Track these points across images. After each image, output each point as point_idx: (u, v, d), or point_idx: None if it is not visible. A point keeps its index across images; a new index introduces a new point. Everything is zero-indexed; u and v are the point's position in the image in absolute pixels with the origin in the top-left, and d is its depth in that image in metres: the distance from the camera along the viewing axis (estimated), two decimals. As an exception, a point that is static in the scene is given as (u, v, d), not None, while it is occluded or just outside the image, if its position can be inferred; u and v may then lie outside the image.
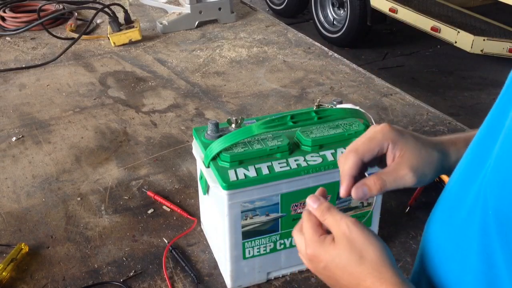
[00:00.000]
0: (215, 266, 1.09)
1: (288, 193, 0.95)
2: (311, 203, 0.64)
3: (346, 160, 0.68)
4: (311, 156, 0.96)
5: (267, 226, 0.98)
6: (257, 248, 1.00)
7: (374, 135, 0.69)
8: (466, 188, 0.55)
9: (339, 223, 0.61)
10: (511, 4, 3.42)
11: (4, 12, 2.28)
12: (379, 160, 0.71)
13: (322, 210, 0.63)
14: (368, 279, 0.57)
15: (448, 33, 3.63)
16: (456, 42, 3.59)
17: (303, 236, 0.65)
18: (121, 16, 2.16)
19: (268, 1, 5.59)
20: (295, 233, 0.67)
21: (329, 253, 0.61)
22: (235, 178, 0.91)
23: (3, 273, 1.04)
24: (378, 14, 4.23)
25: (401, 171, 0.68)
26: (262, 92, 1.78)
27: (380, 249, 0.58)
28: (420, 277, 0.64)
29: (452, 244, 0.56)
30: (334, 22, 4.68)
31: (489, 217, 0.48)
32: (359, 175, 0.68)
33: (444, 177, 1.27)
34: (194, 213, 1.22)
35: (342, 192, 0.68)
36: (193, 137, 1.04)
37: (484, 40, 3.46)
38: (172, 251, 1.11)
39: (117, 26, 2.11)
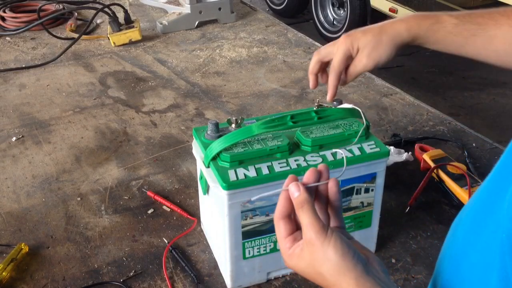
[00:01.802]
0: (215, 266, 1.09)
1: (288, 193, 0.95)
2: (293, 191, 0.63)
3: (312, 59, 1.00)
4: (311, 156, 0.96)
5: (267, 226, 0.98)
6: (257, 248, 1.00)
7: (334, 42, 0.97)
8: (493, 204, 0.55)
9: (305, 229, 0.61)
10: (511, 4, 3.42)
11: (4, 12, 2.28)
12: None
13: (297, 205, 0.63)
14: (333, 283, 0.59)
15: (448, 33, 3.62)
16: (456, 42, 3.58)
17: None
18: (121, 16, 2.16)
19: (268, 1, 5.59)
20: (275, 231, 0.68)
21: (299, 265, 0.63)
22: (235, 178, 0.91)
23: (3, 273, 1.04)
24: (378, 14, 4.23)
25: (360, 61, 0.95)
26: (262, 92, 1.78)
27: (336, 261, 0.59)
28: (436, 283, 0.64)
29: (476, 256, 0.56)
30: (334, 22, 4.68)
31: (505, 239, 0.48)
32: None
33: (445, 177, 1.27)
34: (194, 213, 1.22)
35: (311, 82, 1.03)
36: (193, 137, 1.04)
37: (484, 40, 3.45)
38: (172, 251, 1.11)
39: (117, 26, 2.11)
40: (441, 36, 0.92)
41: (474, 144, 1.48)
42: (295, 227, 0.65)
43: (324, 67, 1.03)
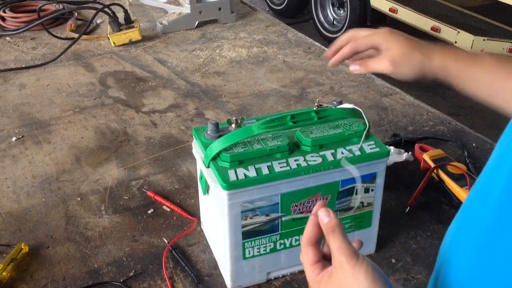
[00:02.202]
0: (215, 266, 1.09)
1: (288, 193, 0.95)
2: (323, 216, 0.63)
3: (343, 40, 1.01)
4: (311, 156, 0.96)
5: (267, 226, 0.98)
6: (257, 248, 1.00)
7: (372, 34, 0.95)
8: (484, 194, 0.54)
9: (336, 253, 0.60)
10: (511, 4, 3.42)
11: (4, 12, 2.28)
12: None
13: (328, 230, 0.62)
14: None
15: (448, 33, 3.63)
16: (456, 42, 3.59)
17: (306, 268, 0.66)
18: (121, 16, 2.16)
19: (268, 1, 5.59)
20: (301, 259, 0.67)
21: None
22: (235, 178, 0.91)
23: (3, 273, 1.04)
24: (378, 14, 4.22)
25: (382, 59, 0.94)
26: (262, 92, 1.78)
27: (367, 286, 0.58)
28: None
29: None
30: (334, 22, 4.68)
31: None
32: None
33: (445, 177, 1.27)
34: (194, 213, 1.22)
35: (330, 53, 1.05)
36: (193, 137, 1.04)
37: (484, 40, 3.46)
38: (172, 251, 1.11)
39: (117, 26, 2.11)
40: (475, 72, 0.82)
41: (474, 144, 1.48)
42: (322, 255, 0.64)
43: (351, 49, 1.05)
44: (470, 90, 0.88)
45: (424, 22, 3.79)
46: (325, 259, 0.64)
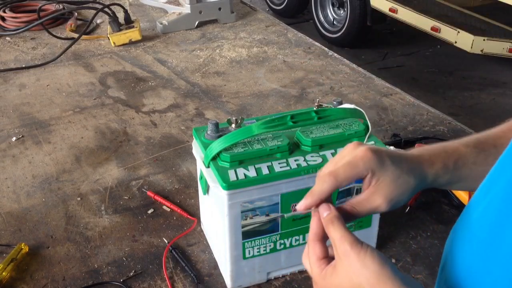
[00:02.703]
0: (215, 266, 1.09)
1: (288, 193, 0.95)
2: (323, 210, 0.62)
3: (324, 183, 0.65)
4: (311, 156, 0.96)
5: (267, 226, 0.98)
6: (257, 248, 1.00)
7: (356, 162, 0.67)
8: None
9: (339, 242, 0.59)
10: (511, 4, 3.42)
11: (4, 12, 2.28)
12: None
13: (327, 222, 0.61)
14: None
15: (448, 33, 3.63)
16: (456, 42, 3.59)
17: (309, 266, 0.64)
18: (121, 16, 2.16)
19: (268, 1, 5.59)
20: (304, 258, 0.65)
21: (334, 282, 0.60)
22: (235, 178, 0.91)
23: (3, 273, 1.04)
24: (378, 14, 4.22)
25: (375, 201, 0.67)
26: (262, 92, 1.78)
27: (376, 270, 0.57)
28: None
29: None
30: (334, 22, 4.68)
31: None
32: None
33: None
34: (194, 213, 1.22)
35: (302, 206, 0.65)
36: (193, 137, 1.04)
37: (484, 40, 3.46)
38: (172, 251, 1.11)
39: (117, 26, 2.11)
40: (466, 171, 0.73)
41: (474, 144, 1.47)
42: (328, 252, 0.63)
43: None
44: (463, 188, 0.82)
45: (424, 22, 3.79)
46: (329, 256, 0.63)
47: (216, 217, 1.00)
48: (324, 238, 0.63)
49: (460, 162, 0.72)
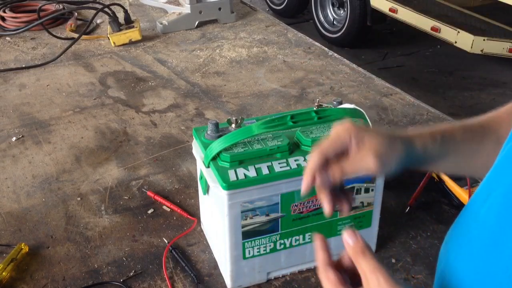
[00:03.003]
0: (215, 266, 1.09)
1: (288, 193, 0.95)
2: (348, 238, 0.60)
3: (311, 158, 0.69)
4: (311, 156, 0.96)
5: (267, 226, 0.98)
6: (257, 248, 1.00)
7: (338, 132, 0.70)
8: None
9: (372, 275, 0.57)
10: (511, 4, 3.42)
11: (4, 12, 2.28)
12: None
13: (357, 252, 0.59)
14: None
15: (448, 33, 3.63)
16: (456, 42, 3.59)
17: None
18: (121, 16, 2.16)
19: (268, 1, 5.58)
20: (325, 272, 0.62)
21: None
22: (235, 178, 0.91)
23: (3, 273, 1.04)
24: (378, 14, 4.22)
25: (364, 157, 0.69)
26: (262, 92, 1.78)
27: None
28: None
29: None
30: (334, 22, 4.68)
31: None
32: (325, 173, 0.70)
33: (445, 177, 1.27)
34: (194, 213, 1.22)
35: (303, 186, 0.69)
36: (193, 137, 1.04)
37: (484, 40, 3.46)
38: (172, 251, 1.11)
39: (117, 26, 2.11)
40: (453, 145, 0.74)
41: (474, 144, 1.47)
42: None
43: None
44: (447, 168, 0.81)
45: (424, 22, 3.79)
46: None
47: (216, 217, 1.00)
48: (333, 264, 0.61)
49: (447, 136, 0.74)
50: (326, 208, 0.70)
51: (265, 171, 0.93)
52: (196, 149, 1.03)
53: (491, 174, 0.58)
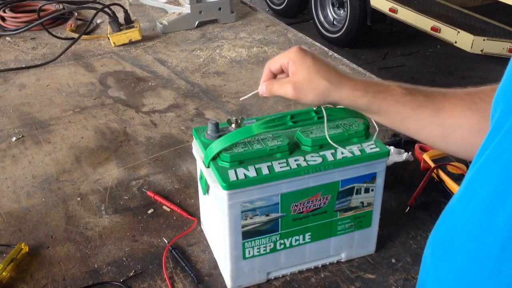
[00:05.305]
0: (215, 266, 1.09)
1: (288, 193, 0.95)
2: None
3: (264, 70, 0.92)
4: (311, 156, 0.96)
5: (267, 226, 0.98)
6: (257, 248, 1.00)
7: (283, 53, 0.88)
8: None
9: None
10: (511, 4, 3.42)
11: (4, 12, 2.28)
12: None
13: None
14: None
15: (448, 33, 3.63)
16: (456, 42, 3.59)
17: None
18: (121, 16, 2.16)
19: (268, 1, 5.59)
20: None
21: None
22: (235, 178, 0.91)
23: (3, 273, 1.04)
24: (378, 14, 4.23)
25: (285, 83, 0.86)
26: (262, 92, 1.78)
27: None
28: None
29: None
30: (334, 22, 4.68)
31: None
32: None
33: (445, 177, 1.27)
34: (194, 213, 1.22)
35: (261, 93, 0.91)
36: (193, 137, 1.04)
37: (484, 40, 3.46)
38: (172, 251, 1.11)
39: (117, 26, 2.11)
40: (385, 105, 0.83)
41: (474, 144, 1.47)
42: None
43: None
44: (382, 121, 0.88)
45: (424, 22, 3.79)
46: None
47: (216, 217, 1.00)
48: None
49: (383, 94, 0.83)
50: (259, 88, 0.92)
51: (265, 171, 0.93)
52: (196, 149, 1.03)
53: (471, 179, 0.58)
